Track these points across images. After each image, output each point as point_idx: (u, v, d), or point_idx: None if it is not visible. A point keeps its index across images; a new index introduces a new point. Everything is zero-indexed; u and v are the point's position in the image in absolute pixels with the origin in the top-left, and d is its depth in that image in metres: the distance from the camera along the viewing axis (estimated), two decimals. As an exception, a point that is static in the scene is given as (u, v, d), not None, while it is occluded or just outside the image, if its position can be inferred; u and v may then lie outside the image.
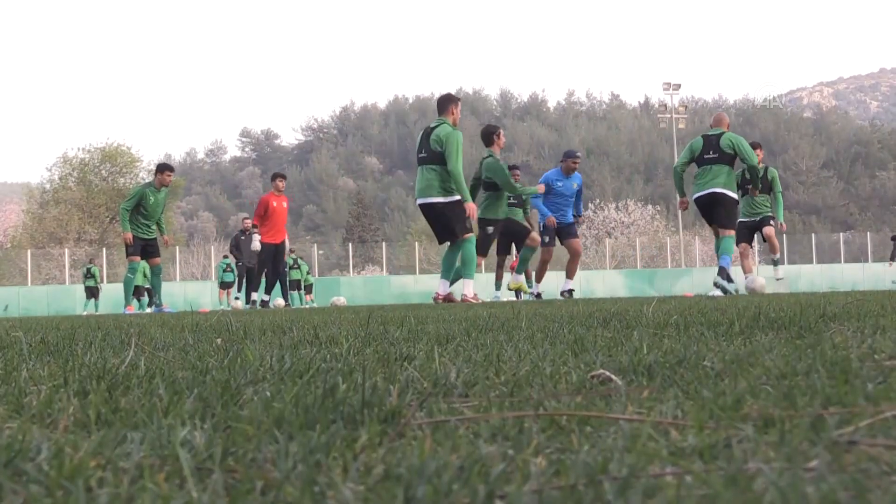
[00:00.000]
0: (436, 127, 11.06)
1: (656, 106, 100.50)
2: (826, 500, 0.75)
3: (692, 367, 1.75)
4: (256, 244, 15.10)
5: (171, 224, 60.61)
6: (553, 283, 17.95)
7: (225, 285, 29.25)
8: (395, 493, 0.81)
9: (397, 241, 70.21)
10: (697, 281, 40.64)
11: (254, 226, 15.36)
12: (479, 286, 13.50)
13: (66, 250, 45.73)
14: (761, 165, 13.49)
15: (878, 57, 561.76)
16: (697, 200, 12.07)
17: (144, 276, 30.66)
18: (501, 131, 13.02)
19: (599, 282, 41.63)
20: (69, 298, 36.30)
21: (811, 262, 47.72)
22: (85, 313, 26.54)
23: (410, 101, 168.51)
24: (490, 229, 13.23)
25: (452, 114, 11.21)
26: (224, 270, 29.66)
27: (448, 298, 11.07)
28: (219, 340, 3.01)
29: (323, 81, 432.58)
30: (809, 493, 0.76)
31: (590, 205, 73.71)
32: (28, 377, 1.87)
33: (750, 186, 13.22)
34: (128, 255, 13.78)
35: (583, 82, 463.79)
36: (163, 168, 14.12)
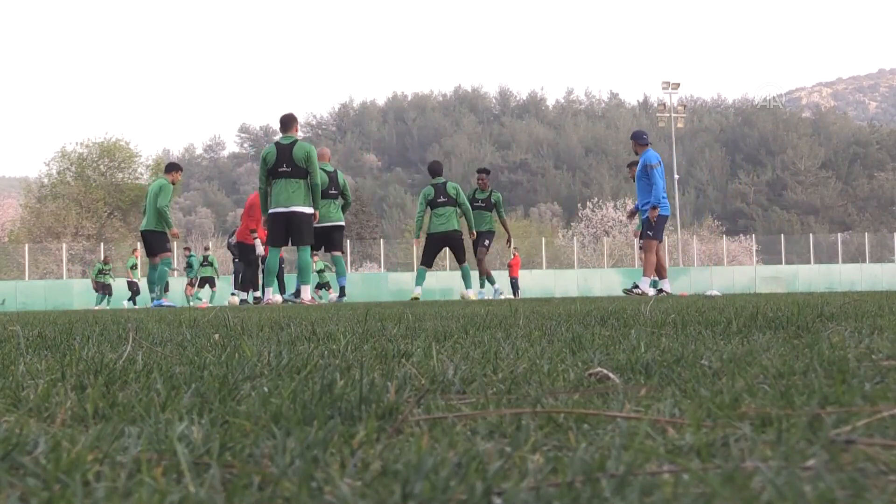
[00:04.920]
0: (293, 144, 12.01)
1: (655, 105, 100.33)
2: (823, 498, 0.75)
3: (690, 366, 1.76)
4: (260, 249, 15.01)
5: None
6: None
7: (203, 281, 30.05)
8: (392, 488, 0.81)
9: (395, 239, 70.15)
10: (695, 280, 40.66)
11: (252, 231, 15.26)
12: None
13: (64, 245, 45.72)
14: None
15: (877, 58, 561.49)
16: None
17: (134, 268, 31.09)
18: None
19: (597, 280, 41.68)
20: (67, 293, 36.30)
21: (809, 262, 47.76)
22: (125, 305, 26.93)
23: (409, 98, 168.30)
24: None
25: (297, 130, 12.40)
26: (201, 265, 30.36)
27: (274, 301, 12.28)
28: (216, 336, 3.01)
29: (322, 78, 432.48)
30: (807, 492, 0.76)
31: (588, 203, 73.73)
32: (25, 371, 1.87)
33: None
34: (164, 250, 14.21)
35: (582, 81, 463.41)
36: (177, 168, 14.72)
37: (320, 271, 30.05)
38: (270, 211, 12.08)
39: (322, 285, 29.58)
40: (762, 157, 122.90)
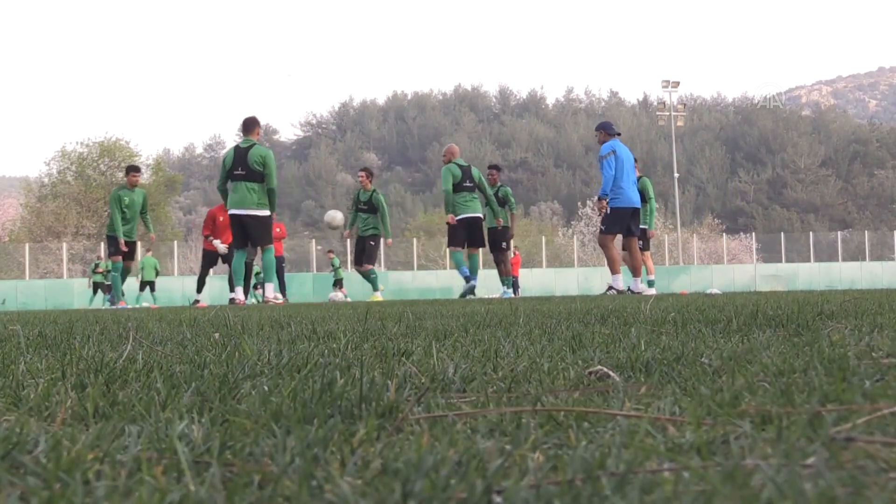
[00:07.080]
0: (249, 147, 12.26)
1: (655, 103, 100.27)
2: (824, 496, 0.75)
3: (690, 364, 1.76)
4: (222, 248, 15.81)
5: (169, 219, 60.70)
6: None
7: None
8: (392, 487, 0.81)
9: (395, 237, 70.21)
10: (695, 278, 40.66)
11: (206, 236, 16.13)
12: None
13: (65, 244, 45.70)
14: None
15: (876, 56, 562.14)
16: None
17: (155, 270, 31.41)
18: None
19: (597, 279, 41.65)
20: (67, 292, 36.27)
21: (809, 260, 47.74)
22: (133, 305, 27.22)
23: (409, 97, 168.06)
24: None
25: (258, 134, 12.68)
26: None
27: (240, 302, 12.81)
28: (216, 335, 3.01)
29: (322, 77, 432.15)
30: (807, 490, 0.76)
31: (588, 202, 73.68)
32: (26, 370, 1.87)
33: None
34: (112, 254, 15.29)
35: (582, 79, 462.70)
36: (129, 170, 15.56)
37: (336, 268, 30.54)
38: (229, 213, 12.51)
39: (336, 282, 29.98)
40: (762, 156, 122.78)
